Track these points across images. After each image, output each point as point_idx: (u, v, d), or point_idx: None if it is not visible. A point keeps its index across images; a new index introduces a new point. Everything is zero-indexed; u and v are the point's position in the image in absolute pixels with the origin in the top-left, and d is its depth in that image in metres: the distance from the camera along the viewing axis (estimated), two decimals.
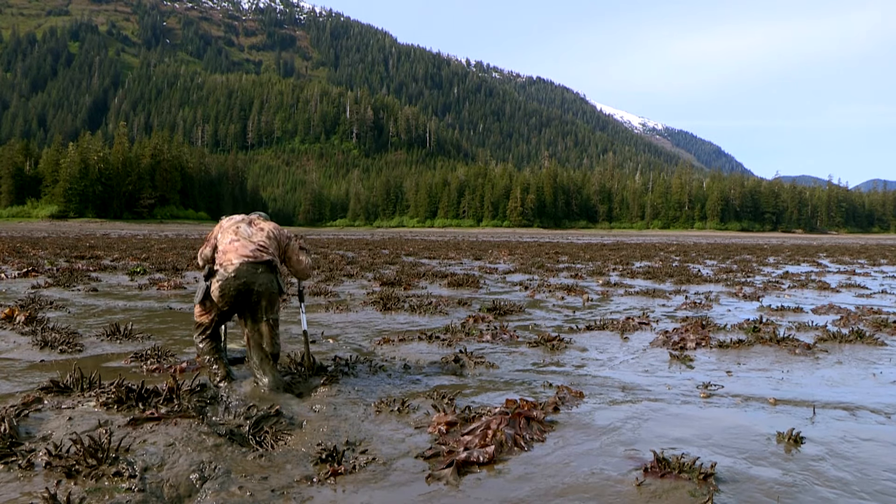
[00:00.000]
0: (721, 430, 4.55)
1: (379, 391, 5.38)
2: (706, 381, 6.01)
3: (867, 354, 7.33)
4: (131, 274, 15.81)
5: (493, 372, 6.30)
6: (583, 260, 26.77)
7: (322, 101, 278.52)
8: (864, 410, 5.13)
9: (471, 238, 71.43)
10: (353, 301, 11.42)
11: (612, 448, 4.16)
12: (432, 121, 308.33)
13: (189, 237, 53.28)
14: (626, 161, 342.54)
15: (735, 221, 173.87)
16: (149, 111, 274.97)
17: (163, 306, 10.69)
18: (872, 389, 5.84)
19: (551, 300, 12.65)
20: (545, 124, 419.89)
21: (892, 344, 7.99)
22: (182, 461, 3.64)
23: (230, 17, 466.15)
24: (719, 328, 8.73)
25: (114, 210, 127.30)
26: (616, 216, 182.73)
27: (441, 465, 3.80)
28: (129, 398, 4.31)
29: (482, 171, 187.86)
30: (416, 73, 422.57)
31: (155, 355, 6.45)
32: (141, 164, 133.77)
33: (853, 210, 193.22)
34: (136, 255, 23.23)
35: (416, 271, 18.21)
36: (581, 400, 5.24)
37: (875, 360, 7.05)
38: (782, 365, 6.77)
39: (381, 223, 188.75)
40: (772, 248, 47.20)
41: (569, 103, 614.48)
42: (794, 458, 4.03)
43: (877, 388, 5.88)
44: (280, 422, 4.35)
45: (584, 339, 8.08)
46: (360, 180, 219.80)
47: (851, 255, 36.30)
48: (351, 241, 52.24)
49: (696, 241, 75.06)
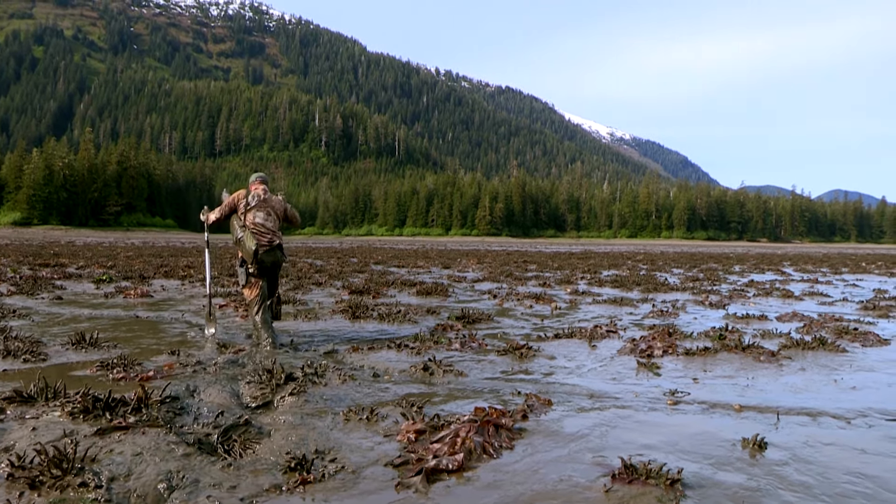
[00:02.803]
0: (687, 436, 4.61)
1: (348, 400, 5.37)
2: (673, 388, 6.08)
3: (829, 361, 7.46)
4: (97, 282, 15.59)
5: (461, 380, 6.32)
6: (551, 269, 26.90)
7: (291, 108, 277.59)
8: (826, 416, 5.22)
9: (439, 247, 71.47)
10: (321, 309, 11.38)
11: (581, 455, 4.19)
12: (401, 129, 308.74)
13: (156, 245, 52.68)
14: (595, 170, 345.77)
15: (701, 230, 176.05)
16: (115, 117, 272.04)
17: (129, 315, 10.56)
18: (834, 395, 5.95)
19: (520, 308, 12.70)
20: (514, 133, 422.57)
21: (852, 351, 8.15)
22: (150, 471, 3.61)
23: (199, 24, 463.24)
24: (686, 336, 8.83)
25: (79, 217, 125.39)
26: (584, 225, 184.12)
27: (410, 473, 3.80)
28: (95, 407, 4.26)
29: (451, 180, 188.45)
30: (386, 81, 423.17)
31: (121, 364, 6.36)
32: (107, 170, 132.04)
33: (816, 220, 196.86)
34: (102, 263, 22.91)
35: (385, 280, 18.19)
36: (549, 408, 5.27)
37: (836, 367, 7.18)
38: (747, 372, 6.87)
39: (350, 231, 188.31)
40: (737, 257, 47.81)
41: (538, 113, 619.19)
42: (758, 463, 4.10)
43: (838, 394, 5.99)
44: (249, 431, 4.33)
45: (552, 348, 8.12)
46: (328, 188, 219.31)
47: (814, 264, 36.91)
48: (319, 249, 52.00)
49: (663, 249, 75.78)
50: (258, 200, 7.98)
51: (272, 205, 8.11)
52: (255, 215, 7.90)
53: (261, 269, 7.90)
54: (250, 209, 7.92)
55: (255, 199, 7.98)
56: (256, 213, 7.92)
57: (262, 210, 7.97)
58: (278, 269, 8.36)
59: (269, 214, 8.02)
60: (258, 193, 8.05)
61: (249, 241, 7.67)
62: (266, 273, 8.04)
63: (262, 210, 7.97)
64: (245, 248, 7.72)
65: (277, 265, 8.24)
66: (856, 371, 7.03)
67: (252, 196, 8.02)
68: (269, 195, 8.15)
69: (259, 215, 7.92)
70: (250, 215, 7.89)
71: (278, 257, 8.09)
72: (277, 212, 8.16)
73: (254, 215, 7.90)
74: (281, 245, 8.11)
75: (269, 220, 7.99)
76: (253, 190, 8.14)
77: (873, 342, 8.81)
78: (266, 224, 7.93)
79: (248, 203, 7.94)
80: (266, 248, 7.83)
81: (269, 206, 8.06)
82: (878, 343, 8.79)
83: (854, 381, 6.52)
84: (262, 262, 7.85)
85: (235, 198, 8.05)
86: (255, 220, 7.88)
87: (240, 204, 7.97)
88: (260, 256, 7.77)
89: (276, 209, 8.14)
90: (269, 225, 7.95)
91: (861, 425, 5.02)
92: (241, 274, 7.87)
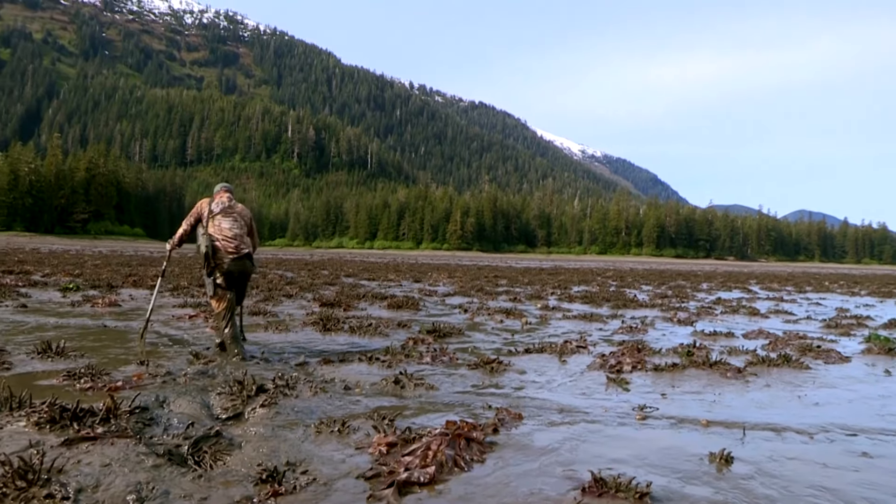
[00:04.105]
0: (656, 450, 4.67)
1: (319, 412, 5.36)
2: (642, 403, 6.14)
3: (793, 378, 7.59)
4: (64, 290, 15.37)
5: (433, 393, 6.33)
6: (521, 284, 27.02)
7: (264, 119, 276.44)
8: (790, 431, 5.32)
9: (410, 260, 71.41)
10: (292, 321, 11.33)
11: (551, 468, 4.23)
12: (374, 142, 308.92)
13: (125, 254, 52.06)
14: (566, 187, 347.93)
15: (670, 248, 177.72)
16: (85, 123, 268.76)
17: (97, 324, 10.43)
18: (798, 411, 6.06)
19: (490, 323, 12.74)
20: (486, 149, 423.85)
21: (816, 367, 8.30)
22: (119, 482, 3.57)
23: (172, 31, 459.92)
24: (655, 352, 8.92)
25: (45, 224, 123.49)
26: (555, 241, 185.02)
27: (382, 486, 3.80)
28: (62, 418, 4.21)
29: (423, 194, 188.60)
30: (359, 94, 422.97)
31: (89, 374, 6.28)
32: (75, 177, 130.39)
33: (782, 239, 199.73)
34: (68, 271, 22.59)
35: (356, 292, 18.15)
36: (520, 421, 5.30)
37: (800, 384, 7.31)
38: (714, 388, 6.96)
39: (321, 244, 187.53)
40: (705, 275, 48.35)
41: (510, 129, 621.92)
42: (724, 477, 4.16)
43: (802, 410, 6.10)
44: (219, 442, 4.30)
45: (522, 362, 8.17)
46: (300, 200, 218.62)
47: (780, 283, 37.45)
48: (290, 261, 51.72)
49: (633, 266, 76.41)
50: (223, 207, 7.79)
51: (238, 211, 7.93)
52: (220, 222, 7.70)
53: (228, 279, 7.71)
54: (214, 216, 7.71)
55: (220, 206, 7.78)
56: (222, 220, 7.72)
57: (228, 217, 7.78)
58: (247, 279, 8.15)
59: (235, 221, 7.81)
60: (223, 200, 7.88)
61: (213, 249, 7.54)
62: (234, 284, 7.83)
63: (228, 217, 7.78)
64: (209, 256, 7.53)
65: (246, 275, 8.03)
66: (819, 388, 7.16)
67: (216, 203, 7.82)
68: (234, 202, 7.96)
69: (224, 221, 7.73)
70: (215, 222, 7.69)
71: (247, 267, 7.89)
72: (245, 219, 7.99)
73: (219, 222, 7.70)
74: (250, 254, 7.93)
75: (236, 226, 7.79)
76: (217, 198, 7.95)
77: (835, 359, 8.99)
78: (233, 230, 7.72)
79: (211, 210, 7.73)
80: (234, 256, 7.63)
81: (234, 212, 7.86)
82: (840, 360, 8.97)
83: (817, 398, 6.64)
84: (229, 272, 7.66)
85: (199, 206, 7.84)
86: (220, 227, 7.67)
87: (204, 211, 7.75)
88: (227, 266, 7.60)
89: (243, 216, 7.97)
90: (235, 231, 7.74)
91: (823, 440, 5.12)
92: (209, 284, 7.69)
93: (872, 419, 5.88)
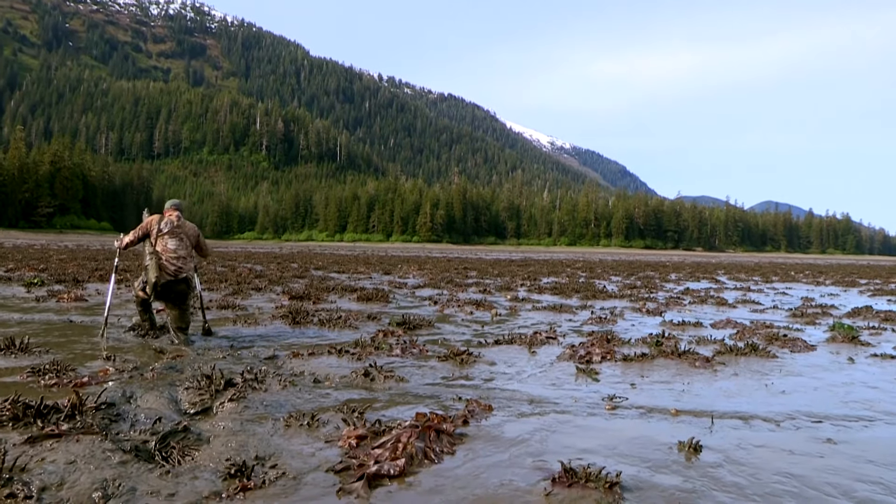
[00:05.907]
0: (626, 440, 4.70)
1: (288, 405, 5.32)
2: (611, 393, 6.18)
3: (760, 366, 7.69)
4: (28, 285, 15.11)
5: (403, 386, 6.32)
6: (491, 275, 27.08)
7: (232, 111, 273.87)
8: (758, 419, 5.39)
9: (380, 253, 71.27)
10: (261, 315, 11.25)
11: (521, 459, 4.24)
12: (343, 135, 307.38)
13: (91, 248, 51.31)
14: (535, 179, 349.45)
15: (639, 239, 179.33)
16: (49, 116, 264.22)
17: (62, 319, 10.26)
18: (765, 399, 6.14)
19: (460, 315, 12.75)
20: (456, 141, 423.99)
21: (782, 356, 8.42)
22: (84, 479, 3.52)
23: (138, 23, 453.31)
24: (624, 342, 8.99)
25: (8, 218, 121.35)
26: (524, 233, 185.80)
27: (352, 479, 3.79)
28: (26, 415, 4.14)
29: (392, 186, 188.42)
30: (328, 86, 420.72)
31: (54, 370, 6.17)
32: (39, 170, 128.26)
33: (749, 230, 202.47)
34: (33, 266, 22.20)
35: (326, 285, 18.06)
36: (490, 413, 5.31)
37: (767, 372, 7.41)
38: (683, 377, 7.03)
39: (290, 237, 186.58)
40: (673, 266, 48.81)
41: (479, 121, 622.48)
42: (693, 465, 4.21)
43: (769, 398, 6.18)
44: (187, 437, 4.26)
45: (492, 354, 8.18)
46: (269, 193, 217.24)
47: (747, 273, 37.93)
48: (259, 254, 51.36)
49: (602, 257, 76.93)
50: (171, 227, 8.10)
51: (185, 231, 8.26)
52: (166, 241, 8.03)
53: (158, 293, 8.02)
54: (162, 235, 8.03)
55: (168, 226, 8.09)
56: (168, 240, 8.05)
57: (175, 237, 8.10)
58: (184, 298, 8.25)
59: (181, 241, 8.15)
60: (171, 220, 8.16)
61: (152, 272, 7.83)
62: (165, 298, 8.13)
63: (175, 237, 8.10)
64: (147, 275, 7.89)
65: (182, 294, 8.19)
66: (785, 376, 7.26)
67: (165, 222, 8.12)
68: (183, 222, 8.29)
69: (171, 242, 8.05)
70: (162, 241, 8.02)
71: (182, 289, 8.14)
72: (191, 238, 8.33)
73: (165, 241, 8.03)
74: (188, 278, 8.23)
75: (181, 247, 8.13)
76: (167, 216, 8.20)
77: (801, 348, 9.12)
78: (177, 252, 8.05)
79: (160, 229, 8.04)
80: (170, 279, 7.97)
81: (182, 232, 8.19)
82: (806, 349, 9.11)
83: (783, 386, 6.73)
84: (163, 289, 8.00)
85: (149, 223, 8.09)
86: (166, 247, 8.01)
87: (152, 230, 8.04)
88: (161, 284, 7.92)
89: (189, 236, 8.29)
90: (180, 252, 8.08)
91: (790, 427, 5.20)
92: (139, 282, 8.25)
93: (837, 406, 5.97)
